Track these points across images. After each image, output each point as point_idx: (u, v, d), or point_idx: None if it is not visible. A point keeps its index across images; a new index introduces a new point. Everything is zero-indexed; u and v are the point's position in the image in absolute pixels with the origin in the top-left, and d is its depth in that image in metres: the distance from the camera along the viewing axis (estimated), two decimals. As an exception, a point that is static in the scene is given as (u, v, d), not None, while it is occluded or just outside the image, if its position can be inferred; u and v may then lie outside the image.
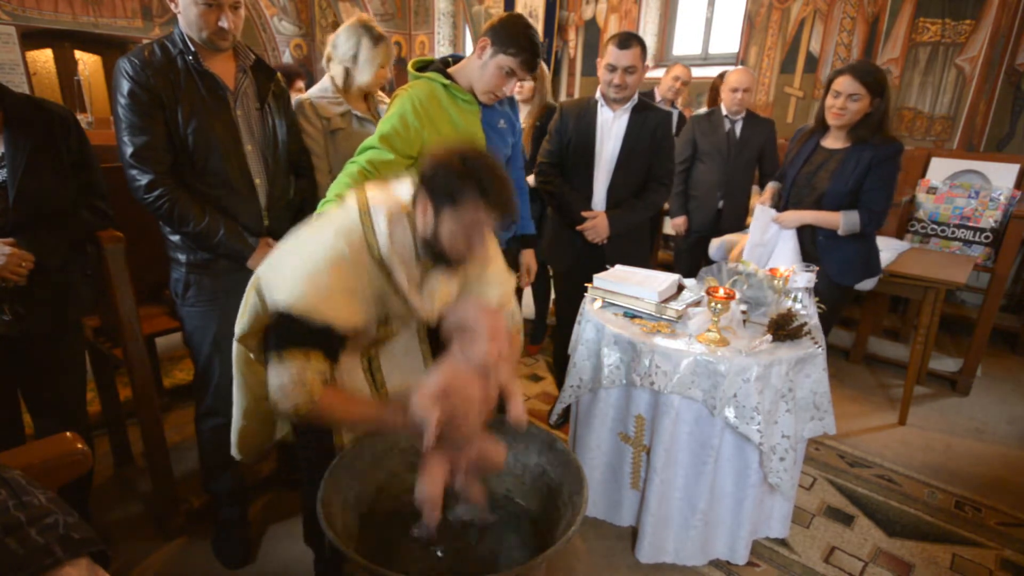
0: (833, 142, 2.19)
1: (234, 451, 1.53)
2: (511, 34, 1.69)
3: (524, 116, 2.93)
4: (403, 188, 1.25)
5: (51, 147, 1.53)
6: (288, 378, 1.11)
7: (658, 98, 3.70)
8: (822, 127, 2.21)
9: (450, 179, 1.12)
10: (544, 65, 2.90)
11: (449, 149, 1.16)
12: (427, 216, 1.16)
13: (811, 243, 2.23)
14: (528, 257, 2.20)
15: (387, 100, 2.00)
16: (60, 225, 1.57)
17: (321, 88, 2.04)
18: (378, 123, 1.77)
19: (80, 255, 1.68)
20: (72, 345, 1.71)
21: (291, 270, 1.15)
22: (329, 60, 2.06)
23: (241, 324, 1.31)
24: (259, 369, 1.38)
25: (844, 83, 2.02)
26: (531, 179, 2.51)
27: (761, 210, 2.30)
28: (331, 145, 1.98)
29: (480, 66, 1.75)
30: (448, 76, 1.79)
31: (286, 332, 1.13)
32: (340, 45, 2.00)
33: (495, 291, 1.42)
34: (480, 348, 1.16)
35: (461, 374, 1.17)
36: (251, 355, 1.38)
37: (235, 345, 1.37)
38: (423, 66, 1.83)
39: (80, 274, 1.67)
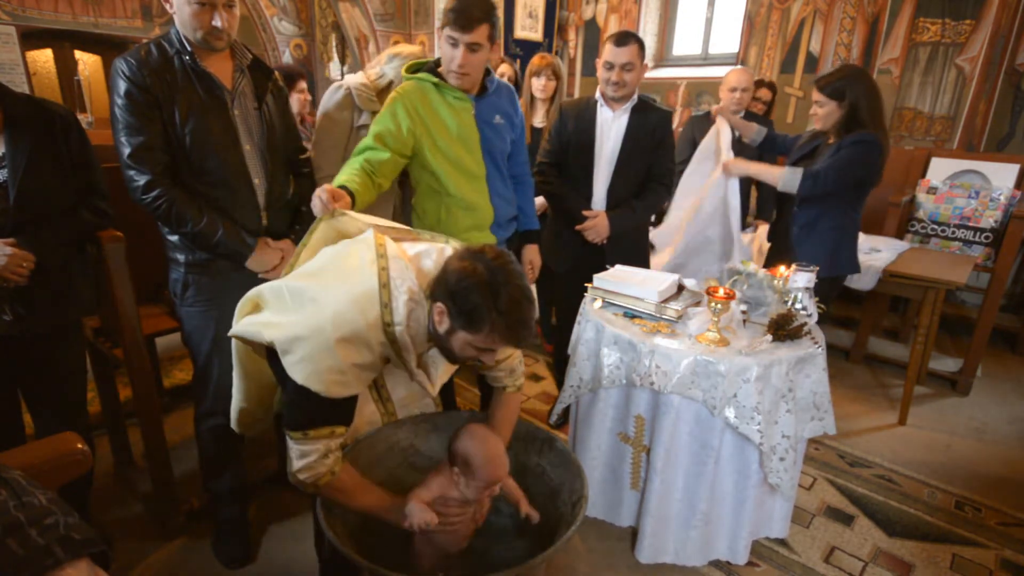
0: (832, 139, 2.34)
1: (233, 424, 1.55)
2: (444, 9, 1.72)
3: (541, 116, 2.93)
4: (426, 258, 1.23)
5: (52, 147, 1.53)
6: (316, 455, 1.14)
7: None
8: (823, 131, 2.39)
9: (472, 302, 1.08)
10: (561, 64, 2.91)
11: (477, 259, 1.11)
12: (442, 324, 1.14)
13: (785, 236, 2.35)
14: (531, 253, 2.19)
15: None
16: (61, 225, 1.57)
17: (360, 81, 2.08)
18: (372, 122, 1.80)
19: (80, 255, 1.68)
20: (72, 345, 1.71)
21: (303, 342, 1.12)
22: (379, 64, 2.11)
23: (236, 331, 1.31)
24: (258, 359, 1.38)
25: (813, 92, 2.27)
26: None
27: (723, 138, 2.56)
28: (355, 140, 2.00)
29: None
30: (439, 76, 1.80)
31: (308, 410, 1.14)
32: (395, 64, 2.06)
33: (501, 374, 1.45)
34: (477, 490, 1.26)
35: (453, 500, 1.27)
36: (249, 347, 1.37)
37: (234, 345, 1.37)
38: (417, 68, 1.84)
39: (80, 274, 1.67)
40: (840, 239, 2.31)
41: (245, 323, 1.28)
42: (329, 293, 1.16)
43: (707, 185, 2.62)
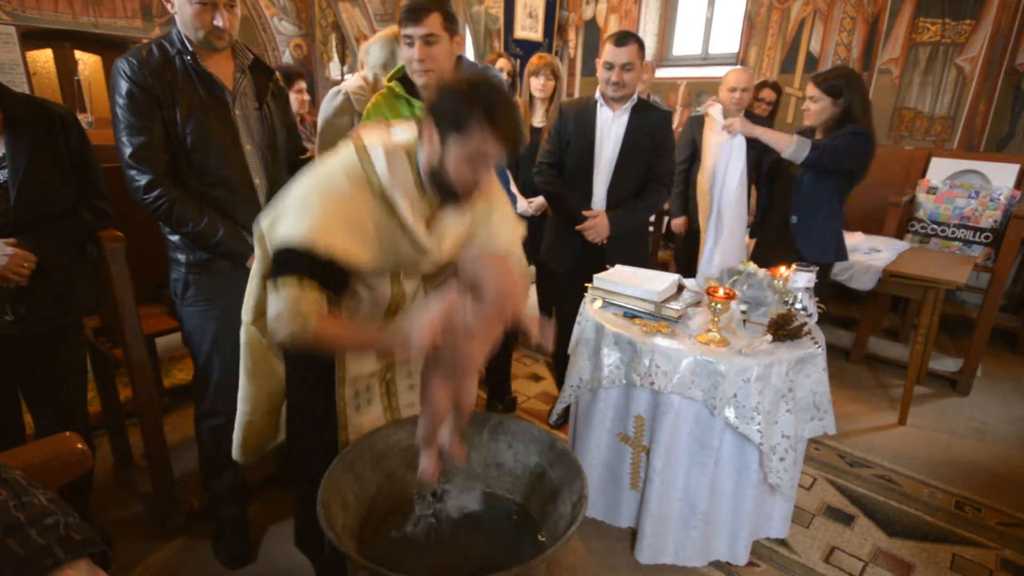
0: (819, 135, 2.44)
1: (236, 453, 1.50)
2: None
3: (540, 116, 2.94)
4: (400, 132, 1.22)
5: (52, 147, 1.53)
6: (283, 306, 1.08)
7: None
8: (812, 128, 2.49)
9: (457, 105, 1.08)
10: (560, 64, 2.92)
11: (458, 76, 1.13)
12: (433, 144, 1.13)
13: (783, 225, 2.45)
14: None
15: None
16: (61, 225, 1.57)
17: (357, 84, 2.11)
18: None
19: (80, 255, 1.68)
20: (72, 345, 1.71)
21: (291, 209, 1.13)
22: (362, 66, 2.17)
23: (248, 307, 1.30)
24: (270, 356, 1.37)
25: (808, 88, 2.38)
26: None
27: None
28: None
29: None
30: (410, 83, 1.80)
31: (284, 262, 1.11)
32: (373, 53, 2.11)
33: (504, 235, 1.39)
34: (488, 314, 1.09)
35: (463, 328, 1.09)
36: (263, 339, 1.34)
37: (244, 332, 1.35)
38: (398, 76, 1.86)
39: (80, 274, 1.67)
40: (837, 228, 2.45)
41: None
42: (312, 175, 1.17)
43: (711, 164, 2.71)
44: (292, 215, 1.12)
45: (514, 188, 2.83)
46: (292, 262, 1.09)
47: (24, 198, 1.47)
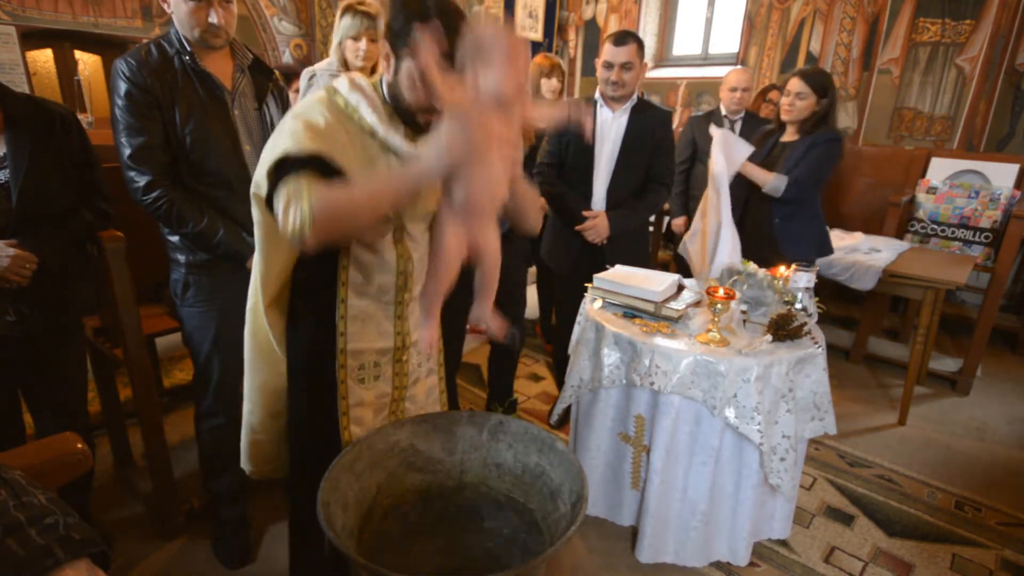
0: (788, 137, 2.46)
1: (244, 460, 1.47)
2: None
3: None
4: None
5: (52, 147, 1.53)
6: (284, 198, 1.04)
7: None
8: (780, 126, 2.50)
9: (404, 23, 1.08)
10: (562, 65, 2.92)
11: None
12: (389, 68, 1.13)
13: (768, 225, 2.47)
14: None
15: None
16: (62, 225, 1.57)
17: (328, 63, 2.19)
18: None
19: (81, 255, 1.68)
20: (73, 345, 1.71)
21: (271, 142, 1.12)
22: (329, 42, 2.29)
23: (253, 288, 1.27)
24: (273, 347, 1.35)
25: (793, 84, 2.34)
26: None
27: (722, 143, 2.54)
28: None
29: None
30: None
31: (278, 172, 1.07)
32: (340, 26, 2.19)
33: None
34: (497, 75, 0.96)
35: (475, 103, 0.97)
36: (265, 323, 1.30)
37: (248, 314, 1.32)
38: None
39: (81, 274, 1.67)
40: (819, 225, 2.50)
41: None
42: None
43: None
44: (272, 143, 1.11)
45: None
46: (284, 168, 1.07)
47: (25, 198, 1.47)
